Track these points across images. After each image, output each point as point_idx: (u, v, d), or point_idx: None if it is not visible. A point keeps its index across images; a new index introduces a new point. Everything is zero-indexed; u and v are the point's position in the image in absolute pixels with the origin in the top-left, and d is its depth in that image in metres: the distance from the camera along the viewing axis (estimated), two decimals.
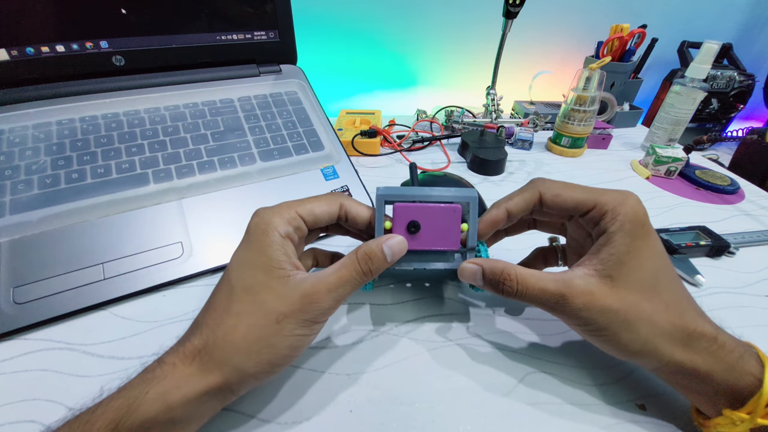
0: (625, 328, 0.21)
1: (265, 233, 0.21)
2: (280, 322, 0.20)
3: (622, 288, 0.21)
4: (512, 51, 0.72)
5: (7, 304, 0.28)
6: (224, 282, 0.21)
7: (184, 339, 0.20)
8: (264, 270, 0.20)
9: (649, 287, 0.21)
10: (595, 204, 0.23)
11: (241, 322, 0.19)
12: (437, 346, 0.28)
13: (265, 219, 0.22)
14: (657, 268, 0.22)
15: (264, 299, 0.20)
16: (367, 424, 0.23)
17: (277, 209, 0.23)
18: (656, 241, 0.23)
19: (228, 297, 0.20)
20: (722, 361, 0.20)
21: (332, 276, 0.21)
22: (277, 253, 0.21)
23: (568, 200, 0.24)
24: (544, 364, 0.27)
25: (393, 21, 0.70)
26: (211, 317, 0.20)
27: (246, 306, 0.20)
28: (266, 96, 0.48)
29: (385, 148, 0.58)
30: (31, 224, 0.32)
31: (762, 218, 0.46)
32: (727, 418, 0.20)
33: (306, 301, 0.20)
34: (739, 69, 0.77)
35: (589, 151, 0.62)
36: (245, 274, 0.20)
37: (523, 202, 0.25)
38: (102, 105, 0.42)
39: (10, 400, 0.23)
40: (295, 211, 0.23)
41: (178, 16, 0.44)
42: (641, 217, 0.22)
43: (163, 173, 0.38)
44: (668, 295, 0.22)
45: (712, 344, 0.21)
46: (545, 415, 0.24)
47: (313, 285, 0.21)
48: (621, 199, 0.23)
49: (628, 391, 0.25)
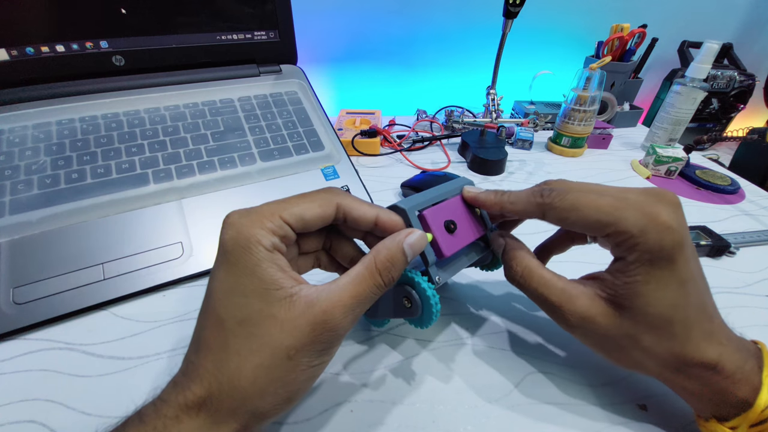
0: (616, 350, 0.21)
1: (247, 250, 0.17)
2: (292, 357, 0.16)
3: (627, 320, 0.20)
4: (512, 51, 0.71)
5: (7, 304, 0.28)
6: (210, 315, 0.17)
7: (181, 384, 0.17)
8: (259, 296, 0.17)
9: (660, 322, 0.20)
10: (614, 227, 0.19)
11: (245, 364, 0.16)
12: (438, 347, 0.28)
13: (244, 233, 0.17)
14: (676, 299, 0.19)
15: (267, 332, 0.16)
16: (368, 424, 0.23)
17: (256, 217, 0.18)
18: (685, 269, 0.19)
19: (221, 334, 0.17)
20: (715, 386, 0.19)
21: (346, 293, 0.18)
22: (269, 272, 0.17)
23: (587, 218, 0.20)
24: (545, 364, 0.27)
25: (393, 21, 0.70)
26: (208, 360, 0.16)
27: (247, 343, 0.16)
28: (266, 96, 0.48)
29: (385, 147, 0.58)
30: (31, 224, 0.32)
31: (762, 218, 0.46)
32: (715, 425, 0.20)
33: (319, 330, 0.17)
34: (740, 69, 0.77)
35: (590, 151, 0.62)
36: (235, 303, 0.17)
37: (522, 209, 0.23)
38: (102, 105, 0.42)
39: (10, 400, 0.23)
40: (279, 217, 0.18)
41: (178, 16, 0.44)
42: (668, 242, 0.19)
43: (163, 173, 0.38)
44: (681, 327, 0.19)
45: (708, 372, 0.19)
46: (546, 415, 0.24)
47: (325, 310, 0.17)
48: (644, 223, 0.19)
49: (629, 391, 0.25)
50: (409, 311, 0.22)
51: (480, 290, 0.33)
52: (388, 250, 0.19)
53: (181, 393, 0.16)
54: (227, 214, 0.18)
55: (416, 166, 0.53)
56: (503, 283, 0.34)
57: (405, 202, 0.22)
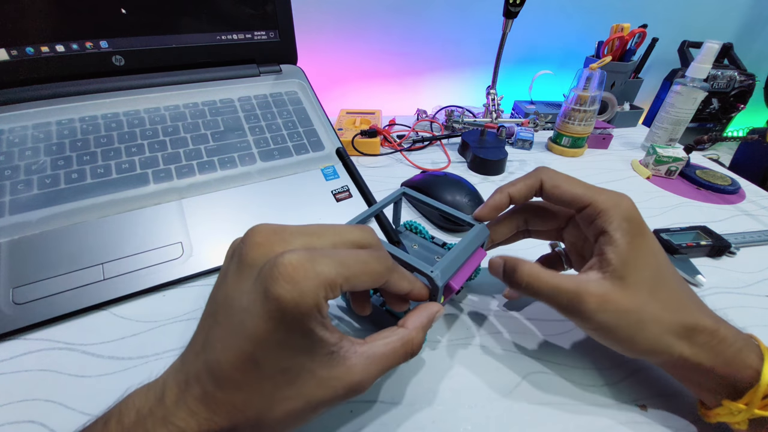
0: (638, 328, 0.21)
1: (307, 317, 0.16)
2: (318, 410, 0.18)
3: (632, 288, 0.22)
4: (512, 51, 0.71)
5: (7, 304, 0.28)
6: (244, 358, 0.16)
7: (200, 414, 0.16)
8: (306, 352, 0.16)
9: (653, 285, 0.22)
10: (591, 201, 0.24)
11: (278, 408, 0.17)
12: (437, 347, 0.28)
13: (307, 301, 0.15)
14: (658, 265, 0.23)
15: (305, 385, 0.17)
16: (368, 424, 0.23)
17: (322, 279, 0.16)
18: (653, 240, 0.23)
19: (256, 377, 0.16)
20: (722, 355, 0.21)
21: (380, 367, 0.19)
22: (318, 333, 0.16)
23: (566, 193, 0.25)
24: (545, 365, 0.27)
25: (393, 20, 0.70)
26: (237, 398, 0.16)
27: (283, 391, 0.16)
28: (266, 96, 0.48)
29: (385, 147, 0.58)
30: (31, 224, 0.32)
31: (762, 218, 0.46)
32: (726, 408, 0.21)
33: (351, 394, 0.18)
34: (740, 69, 0.77)
35: (590, 151, 0.62)
36: (281, 356, 0.16)
37: (525, 188, 0.26)
38: (102, 105, 0.42)
39: (10, 400, 0.23)
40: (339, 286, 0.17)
41: (178, 15, 0.44)
42: (637, 216, 0.23)
43: (163, 173, 0.38)
44: (669, 293, 0.22)
45: (712, 339, 0.21)
46: (546, 416, 0.24)
47: (361, 381, 0.18)
48: (617, 200, 0.23)
49: (629, 391, 0.25)
50: None
51: (480, 290, 0.33)
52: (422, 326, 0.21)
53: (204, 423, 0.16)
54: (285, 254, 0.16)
55: (416, 166, 0.53)
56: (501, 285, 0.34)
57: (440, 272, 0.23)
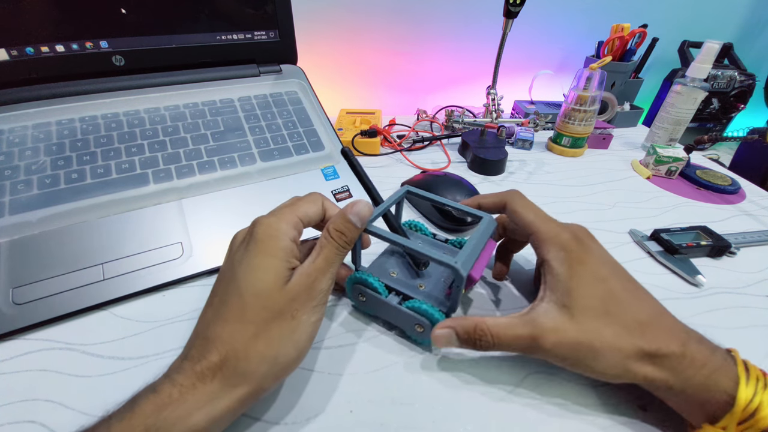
0: (596, 358, 0.22)
1: (276, 239, 0.22)
2: (296, 317, 0.21)
3: (579, 317, 0.22)
4: (512, 51, 0.71)
5: (7, 304, 0.28)
6: (232, 290, 0.21)
7: (195, 356, 0.19)
8: (274, 273, 0.21)
9: (602, 312, 0.22)
10: (535, 231, 0.26)
11: (260, 330, 0.20)
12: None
13: (273, 226, 0.22)
14: (606, 291, 0.23)
15: (276, 301, 0.20)
16: (368, 424, 0.23)
17: (281, 216, 0.23)
18: (600, 266, 0.24)
19: (240, 306, 0.20)
20: (692, 380, 0.20)
21: (319, 259, 0.22)
22: (287, 256, 0.22)
23: (520, 218, 0.27)
24: (545, 365, 0.26)
25: (393, 20, 0.70)
26: (225, 330, 0.20)
27: (261, 313, 0.20)
28: (266, 96, 0.48)
29: (385, 147, 0.58)
30: (31, 224, 0.32)
31: (763, 218, 0.46)
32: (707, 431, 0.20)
33: (309, 288, 0.21)
34: (740, 69, 0.77)
35: (590, 151, 0.62)
36: (255, 279, 0.21)
37: (492, 203, 0.30)
38: (102, 105, 0.42)
39: (10, 400, 0.23)
40: (296, 216, 0.24)
41: (178, 15, 0.44)
42: (573, 246, 0.24)
43: (163, 173, 0.38)
44: (623, 318, 0.22)
45: (679, 363, 0.21)
46: (546, 416, 0.24)
47: (309, 273, 0.22)
48: (556, 232, 0.25)
49: (629, 392, 0.25)
50: (421, 335, 0.27)
51: (480, 290, 0.33)
52: (335, 223, 0.24)
53: (196, 362, 0.19)
54: (256, 218, 0.23)
55: (416, 166, 0.53)
56: (501, 284, 0.34)
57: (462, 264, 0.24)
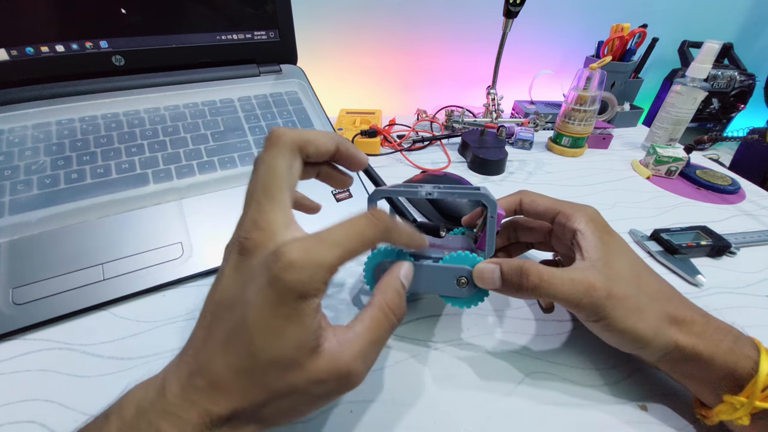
0: (639, 316, 0.22)
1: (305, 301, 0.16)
2: (315, 403, 0.18)
3: (616, 278, 0.22)
4: (512, 51, 0.71)
5: (7, 304, 0.28)
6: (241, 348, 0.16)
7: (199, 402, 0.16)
8: (296, 344, 0.16)
9: (634, 277, 0.23)
10: (560, 209, 0.27)
11: (273, 400, 0.17)
12: (438, 347, 0.28)
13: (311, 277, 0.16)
14: (633, 260, 0.24)
15: (296, 380, 0.17)
16: (368, 424, 0.23)
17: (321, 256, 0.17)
18: (622, 240, 0.25)
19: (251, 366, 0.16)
20: (720, 344, 0.21)
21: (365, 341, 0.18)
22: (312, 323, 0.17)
23: (540, 206, 0.28)
24: (546, 365, 0.27)
25: (393, 20, 0.70)
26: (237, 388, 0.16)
27: (276, 384, 0.17)
28: (266, 96, 0.48)
29: (385, 147, 0.58)
30: (31, 225, 0.32)
31: (763, 218, 0.46)
32: (728, 404, 0.20)
33: (343, 382, 0.17)
34: (740, 69, 0.77)
35: (590, 151, 0.62)
36: (274, 346, 0.16)
37: (506, 204, 0.29)
38: (102, 105, 0.42)
39: (10, 400, 0.23)
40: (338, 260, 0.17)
41: (177, 15, 0.44)
42: (601, 219, 0.26)
43: (163, 173, 0.38)
44: (652, 287, 0.23)
45: (707, 328, 0.22)
46: (546, 416, 0.24)
47: (348, 364, 0.17)
48: (580, 207, 0.27)
49: (629, 392, 0.25)
50: (461, 291, 0.25)
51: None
52: (393, 288, 0.20)
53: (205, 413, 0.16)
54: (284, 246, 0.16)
55: (416, 166, 0.53)
56: None
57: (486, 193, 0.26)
